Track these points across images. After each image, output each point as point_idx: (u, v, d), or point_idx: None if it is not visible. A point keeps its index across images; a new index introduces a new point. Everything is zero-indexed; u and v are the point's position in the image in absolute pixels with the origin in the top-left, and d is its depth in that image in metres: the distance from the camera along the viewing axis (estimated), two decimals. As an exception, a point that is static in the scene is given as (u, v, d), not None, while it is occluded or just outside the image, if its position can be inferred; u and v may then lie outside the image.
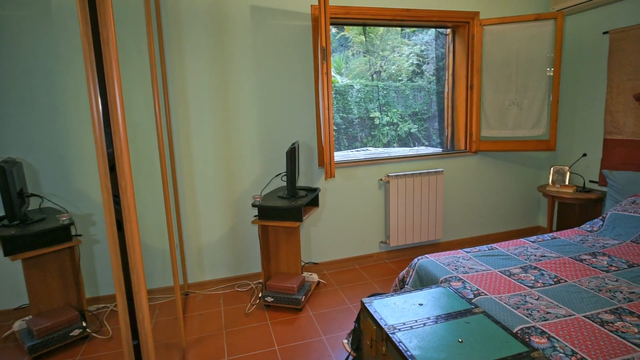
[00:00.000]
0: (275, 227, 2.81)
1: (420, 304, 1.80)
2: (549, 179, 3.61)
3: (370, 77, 4.45)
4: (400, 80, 4.35)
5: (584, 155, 3.49)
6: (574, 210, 3.56)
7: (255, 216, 2.71)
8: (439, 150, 3.81)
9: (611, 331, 1.54)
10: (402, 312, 1.74)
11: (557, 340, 1.49)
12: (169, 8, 2.71)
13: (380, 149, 3.98)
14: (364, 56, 4.57)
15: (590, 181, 3.47)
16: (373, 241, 3.45)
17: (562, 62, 3.64)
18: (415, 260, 2.34)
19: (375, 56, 4.58)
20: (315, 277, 3.00)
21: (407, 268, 2.38)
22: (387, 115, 4.31)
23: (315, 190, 2.93)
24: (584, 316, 1.65)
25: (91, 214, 2.77)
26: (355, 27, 4.20)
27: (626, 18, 3.10)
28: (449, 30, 3.70)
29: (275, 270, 2.90)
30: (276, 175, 3.02)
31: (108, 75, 1.30)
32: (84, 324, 2.36)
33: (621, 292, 1.83)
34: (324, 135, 2.62)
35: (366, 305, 1.82)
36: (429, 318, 1.68)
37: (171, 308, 2.77)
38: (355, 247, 3.41)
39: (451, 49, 3.71)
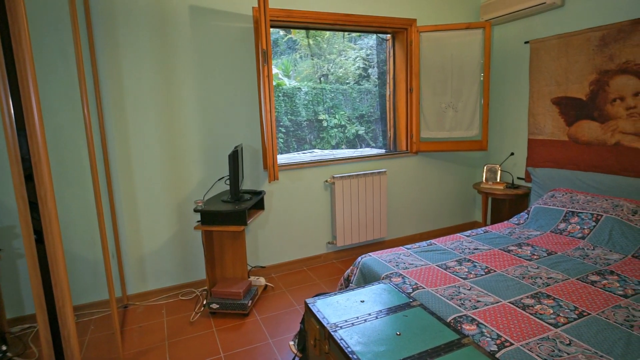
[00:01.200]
0: (220, 232, 2.75)
1: (362, 301, 1.85)
2: (482, 176, 3.87)
3: (318, 80, 4.50)
4: (347, 83, 4.44)
5: (512, 154, 3.78)
6: (505, 205, 3.84)
7: (198, 222, 2.63)
8: (382, 151, 3.94)
9: (531, 314, 1.68)
10: (344, 310, 1.77)
11: (485, 326, 1.59)
12: (100, 4, 2.57)
13: (327, 151, 4.03)
14: (312, 59, 4.62)
15: (518, 178, 3.76)
16: (320, 242, 3.49)
17: (492, 68, 3.92)
18: (359, 259, 2.39)
19: (322, 59, 4.63)
20: (262, 281, 2.97)
21: (351, 267, 2.43)
22: (335, 118, 4.38)
23: (260, 193, 2.91)
24: (509, 302, 1.79)
25: (14, 226, 2.54)
26: (302, 30, 4.23)
27: (542, 30, 3.40)
28: (389, 36, 3.84)
29: (220, 276, 2.84)
30: (219, 179, 2.95)
31: (22, 75, 1.20)
32: (4, 348, 2.16)
33: (540, 278, 2.00)
34: (267, 137, 2.62)
35: (309, 305, 1.83)
36: (369, 314, 1.73)
37: (108, 322, 2.61)
38: (303, 249, 3.43)
39: (391, 54, 3.86)
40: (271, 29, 3.88)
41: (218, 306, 2.61)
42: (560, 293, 1.85)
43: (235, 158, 2.52)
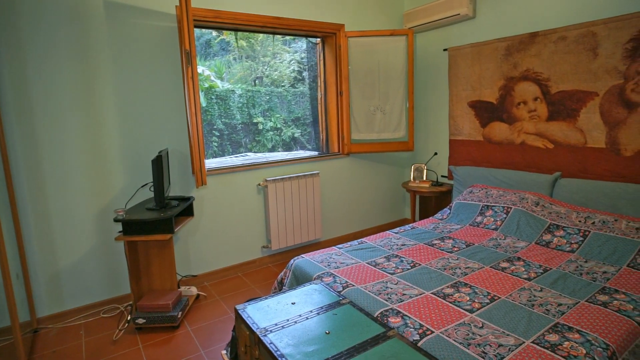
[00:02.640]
0: (145, 241, 2.59)
1: (293, 303, 1.85)
2: (410, 176, 4.07)
3: (252, 83, 4.43)
4: (282, 86, 4.43)
5: (435, 154, 4.04)
6: (432, 202, 4.09)
7: (120, 232, 2.46)
8: (315, 153, 3.98)
9: (450, 302, 1.79)
10: (275, 314, 1.76)
11: (409, 317, 1.67)
12: (-5, -5, 2.30)
13: (260, 154, 3.99)
14: (246, 61, 4.54)
15: (442, 176, 4.02)
16: (255, 246, 3.44)
17: (415, 73, 4.15)
18: (292, 261, 2.39)
19: (256, 62, 4.58)
20: (194, 290, 2.85)
21: (284, 270, 2.42)
22: (271, 121, 4.35)
23: (188, 199, 2.79)
24: (432, 293, 1.90)
25: None
26: (237, 32, 4.14)
27: (459, 38, 3.68)
28: (319, 40, 3.91)
29: (147, 288, 2.67)
30: (142, 186, 2.78)
31: None
32: None
33: (460, 269, 2.15)
34: (192, 141, 2.52)
35: (239, 311, 1.79)
36: (300, 315, 1.73)
37: (13, 351, 2.33)
38: (237, 255, 3.35)
39: (322, 58, 3.93)
40: (203, 30, 3.77)
41: (145, 321, 2.45)
42: (476, 281, 2.00)
43: (159, 163, 2.39)
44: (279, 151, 4.23)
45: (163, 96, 2.88)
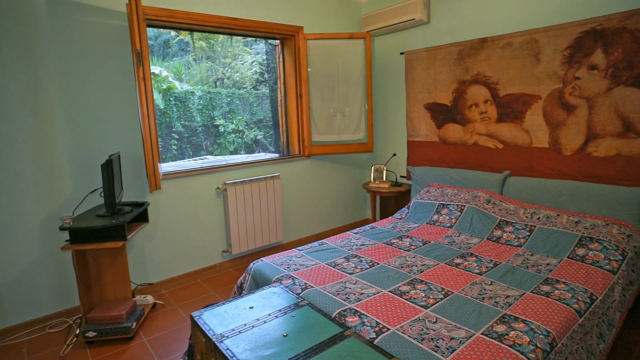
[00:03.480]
0: (95, 250, 2.46)
1: (251, 307, 1.82)
2: (370, 176, 4.14)
3: (213, 84, 4.34)
4: (244, 88, 4.37)
5: (394, 155, 4.14)
6: (392, 202, 4.17)
7: (67, 241, 2.32)
8: (275, 155, 3.96)
9: (407, 299, 1.84)
10: (232, 319, 1.72)
11: (367, 316, 1.70)
12: None
13: (220, 157, 3.91)
14: (206, 62, 4.44)
15: (401, 176, 4.12)
16: (215, 251, 3.36)
17: (374, 75, 4.24)
18: (251, 265, 2.36)
19: (217, 63, 4.49)
20: (150, 299, 2.74)
21: (244, 274, 2.39)
22: (233, 123, 4.27)
23: (142, 204, 2.69)
24: (389, 291, 1.93)
25: None
26: (193, 32, 4.04)
27: (414, 42, 3.80)
28: (278, 42, 3.90)
29: (99, 299, 2.54)
30: (91, 192, 2.64)
31: None
32: None
33: (416, 266, 2.21)
34: (145, 144, 2.43)
35: (195, 318, 1.74)
36: (258, 319, 1.71)
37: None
38: (196, 260, 3.26)
39: (281, 60, 3.92)
40: (160, 29, 3.65)
41: (95, 334, 2.32)
42: (431, 277, 2.06)
43: (109, 168, 2.29)
44: (241, 154, 4.17)
45: (115, 98, 2.76)
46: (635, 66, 2.45)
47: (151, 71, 3.82)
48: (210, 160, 3.77)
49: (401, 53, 3.90)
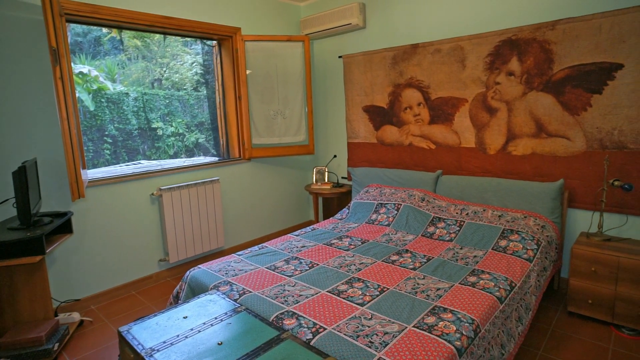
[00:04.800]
0: (7, 267, 2.22)
1: (185, 317, 1.75)
2: (312, 178, 4.17)
3: (150, 85, 4.11)
4: (184, 89, 4.19)
5: (335, 156, 4.20)
6: (334, 203, 4.23)
7: (-27, 258, 2.07)
8: (215, 159, 3.85)
9: (344, 298, 1.87)
10: (164, 331, 1.64)
11: (304, 317, 1.70)
12: None
13: (155, 162, 3.72)
14: (142, 62, 4.19)
15: (342, 177, 4.20)
16: (151, 261, 3.19)
17: (314, 78, 4.28)
18: (188, 273, 2.27)
19: (153, 63, 4.26)
20: (76, 317, 2.53)
21: (180, 283, 2.29)
22: (172, 126, 4.08)
23: (65, 214, 2.48)
24: (327, 291, 1.95)
25: None
26: (130, 31, 3.79)
27: (352, 47, 3.89)
28: (215, 42, 3.80)
29: (13, 321, 2.30)
30: (2, 202, 2.39)
31: None
32: None
33: (354, 265, 2.26)
34: (66, 149, 2.24)
35: (123, 333, 1.64)
36: (192, 329, 1.65)
37: None
38: (130, 271, 3.07)
39: (219, 61, 3.82)
40: (88, 26, 3.39)
41: None
42: (369, 275, 2.12)
43: (22, 176, 2.08)
44: (181, 157, 4.00)
45: (32, 99, 2.51)
46: (545, 73, 2.70)
47: (79, 70, 3.56)
48: (144, 165, 3.58)
49: (339, 56, 3.97)
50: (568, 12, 2.59)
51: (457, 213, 2.80)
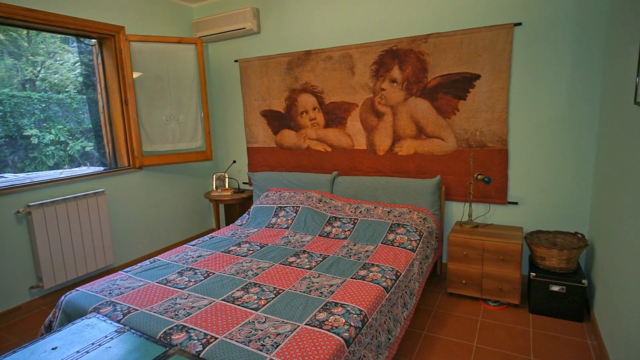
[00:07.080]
0: None
1: (54, 348, 1.55)
2: (212, 185, 4.04)
3: (20, 87, 3.54)
4: (66, 92, 3.69)
5: (234, 162, 4.13)
6: (236, 209, 4.15)
7: None
8: (100, 169, 3.50)
9: (239, 305, 1.84)
10: (26, 367, 1.44)
11: (194, 329, 1.63)
12: None
13: (22, 175, 3.24)
14: (9, 60, 3.59)
15: (243, 183, 4.14)
16: (19, 289, 2.76)
17: (210, 82, 4.15)
18: (62, 298, 2.02)
19: (24, 61, 3.68)
20: None
21: (53, 310, 2.02)
22: (51, 133, 3.57)
23: None
24: (222, 300, 1.90)
25: None
26: None
27: (248, 51, 3.87)
28: (94, 41, 3.46)
29: None
30: None
31: None
32: None
33: (252, 270, 2.24)
34: None
35: (-31, 378, 1.39)
36: (62, 361, 1.47)
37: None
38: (-9, 304, 2.62)
39: (100, 61, 3.49)
40: None
41: None
42: (265, 279, 2.12)
43: None
44: (65, 168, 3.53)
45: None
46: (421, 81, 3.01)
47: None
48: (9, 179, 3.09)
49: (235, 60, 3.92)
50: (438, 27, 2.92)
51: (351, 212, 2.96)
